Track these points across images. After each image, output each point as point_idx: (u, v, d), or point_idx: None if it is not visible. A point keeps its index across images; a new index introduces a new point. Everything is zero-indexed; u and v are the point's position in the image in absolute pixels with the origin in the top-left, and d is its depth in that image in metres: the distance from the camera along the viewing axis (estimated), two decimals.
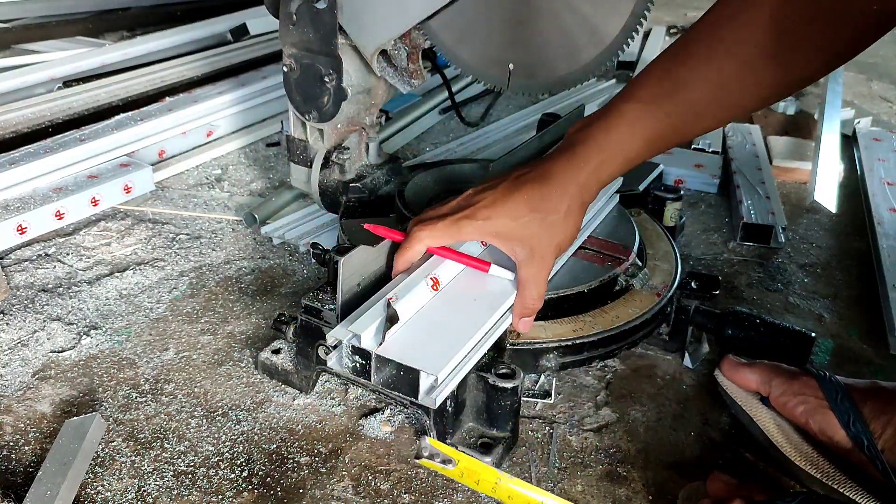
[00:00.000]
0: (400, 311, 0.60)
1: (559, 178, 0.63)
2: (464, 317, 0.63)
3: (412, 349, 0.57)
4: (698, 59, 0.61)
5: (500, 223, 0.63)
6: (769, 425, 0.66)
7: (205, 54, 1.51)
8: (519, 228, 0.62)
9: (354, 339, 0.58)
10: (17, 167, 1.01)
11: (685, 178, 1.18)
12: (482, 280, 0.67)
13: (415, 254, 0.66)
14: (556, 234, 0.63)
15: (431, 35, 0.78)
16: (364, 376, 0.58)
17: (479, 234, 0.64)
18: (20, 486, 0.62)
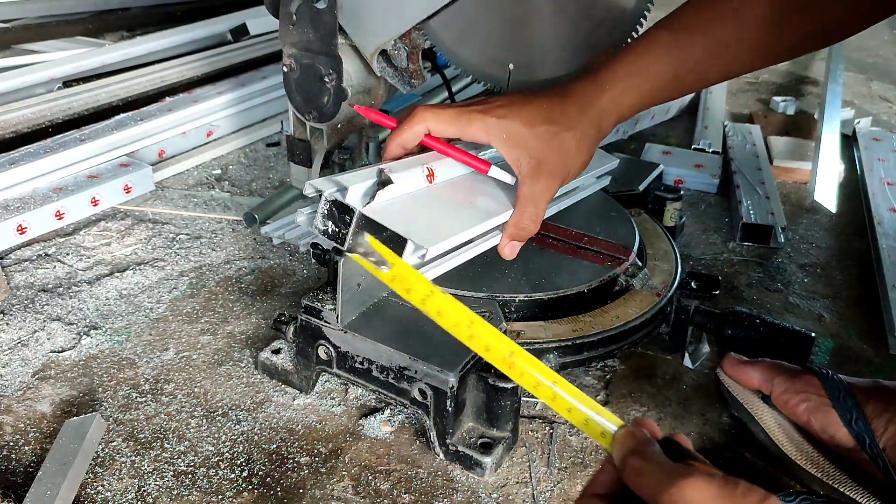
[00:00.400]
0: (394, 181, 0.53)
1: (580, 98, 0.60)
2: (458, 213, 0.57)
3: (403, 219, 0.50)
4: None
5: (512, 126, 0.58)
6: (770, 423, 0.65)
7: (205, 54, 1.51)
8: (531, 137, 0.57)
9: (339, 192, 0.51)
10: (17, 167, 1.01)
11: (685, 178, 1.18)
12: (479, 187, 0.62)
13: (413, 135, 0.59)
14: (567, 154, 0.59)
15: (431, 35, 0.78)
16: (337, 239, 0.51)
17: (487, 132, 0.58)
18: (20, 486, 0.62)
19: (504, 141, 0.58)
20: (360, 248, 0.50)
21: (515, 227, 0.60)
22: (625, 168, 0.98)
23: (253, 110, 1.32)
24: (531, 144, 0.58)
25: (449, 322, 0.43)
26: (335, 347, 0.69)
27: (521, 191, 0.60)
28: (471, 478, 0.64)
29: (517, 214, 0.60)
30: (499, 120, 0.58)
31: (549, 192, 0.60)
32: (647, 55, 0.61)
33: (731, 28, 0.60)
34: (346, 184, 0.51)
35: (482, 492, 0.63)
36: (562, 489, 0.64)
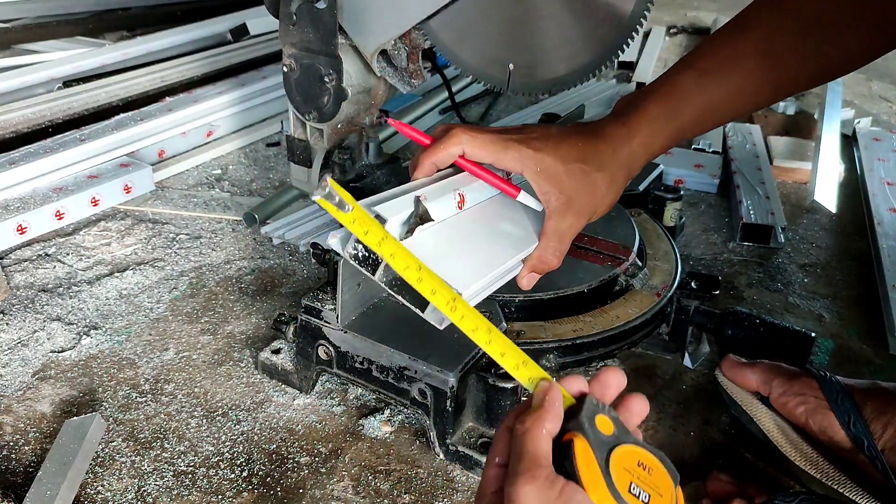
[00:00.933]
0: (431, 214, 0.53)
1: (612, 140, 0.61)
2: (488, 248, 0.58)
3: (436, 256, 0.51)
4: (758, 29, 0.61)
5: (547, 160, 0.58)
6: (769, 425, 0.66)
7: (205, 54, 1.51)
8: (564, 174, 0.58)
9: (378, 220, 0.50)
10: (17, 167, 1.01)
11: (685, 177, 1.18)
12: (506, 213, 0.62)
13: (448, 156, 0.59)
14: (597, 194, 0.60)
15: (431, 35, 0.78)
16: (366, 267, 0.51)
17: (522, 163, 0.59)
18: (20, 486, 0.62)
19: (538, 174, 0.59)
20: (391, 279, 0.51)
21: (538, 261, 0.61)
22: None
23: (253, 110, 1.32)
24: (564, 181, 0.58)
25: (399, 265, 0.48)
26: (335, 347, 0.69)
27: (547, 225, 0.60)
28: (471, 478, 0.64)
29: (541, 248, 0.60)
30: (535, 153, 0.58)
31: (574, 229, 0.60)
32: (673, 98, 0.62)
33: (753, 66, 0.61)
34: (385, 214, 0.51)
35: None
36: None
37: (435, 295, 0.47)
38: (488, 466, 0.45)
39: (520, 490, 0.40)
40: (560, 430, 0.43)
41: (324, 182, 0.48)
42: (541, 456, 0.42)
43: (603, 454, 0.42)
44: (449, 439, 0.65)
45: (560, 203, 0.59)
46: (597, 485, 0.41)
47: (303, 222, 1.02)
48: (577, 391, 0.46)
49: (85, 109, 1.23)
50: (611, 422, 0.44)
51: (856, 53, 0.62)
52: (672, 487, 0.43)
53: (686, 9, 2.21)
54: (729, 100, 0.62)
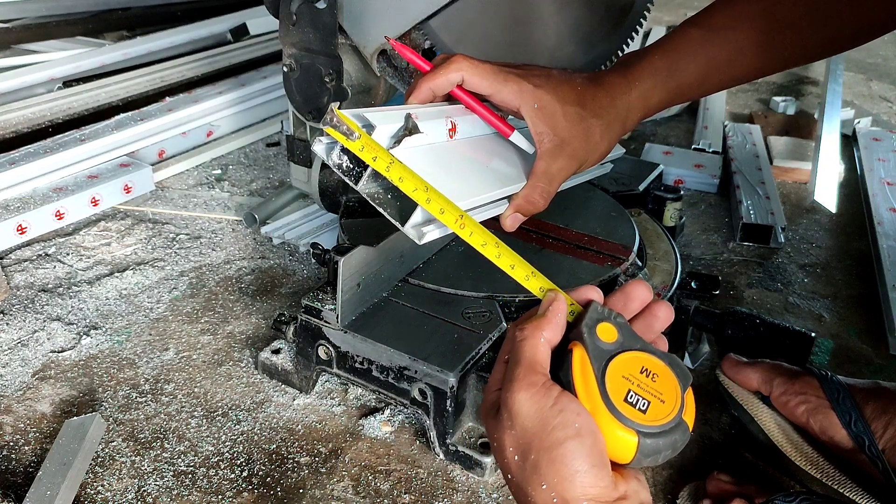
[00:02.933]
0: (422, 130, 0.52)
1: (611, 88, 0.60)
2: (474, 175, 0.57)
3: (422, 171, 0.50)
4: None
5: (546, 98, 0.56)
6: (770, 424, 0.65)
7: (205, 54, 1.51)
8: (560, 115, 0.57)
9: (365, 129, 0.49)
10: (17, 167, 1.01)
11: (685, 178, 1.18)
12: (497, 150, 0.61)
13: (447, 82, 0.57)
14: (591, 140, 0.58)
15: (431, 35, 0.78)
16: (351, 177, 0.50)
17: (520, 97, 0.57)
18: (20, 486, 0.62)
19: (534, 111, 0.57)
20: (374, 190, 0.50)
21: (524, 200, 0.58)
22: (625, 168, 0.98)
23: (253, 110, 1.32)
24: (559, 122, 0.57)
25: (408, 187, 0.48)
26: (335, 347, 0.69)
27: (537, 165, 0.58)
28: (471, 478, 0.64)
29: (529, 188, 0.58)
30: (535, 88, 0.57)
31: (565, 172, 0.58)
32: (676, 52, 0.61)
33: (762, 26, 0.60)
34: (374, 122, 0.49)
35: (482, 492, 0.63)
36: None
37: (443, 214, 0.48)
38: (498, 363, 0.47)
39: (515, 396, 0.42)
40: (564, 339, 0.45)
41: (331, 111, 0.48)
42: (537, 363, 0.43)
43: (601, 363, 0.43)
44: (449, 439, 0.65)
45: (553, 144, 0.57)
46: (590, 394, 0.42)
47: (303, 222, 1.02)
48: (585, 299, 0.46)
49: (85, 109, 1.23)
50: (615, 329, 0.44)
51: (868, 25, 0.61)
52: (678, 392, 0.43)
53: (686, 9, 2.21)
54: (732, 60, 0.61)
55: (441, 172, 0.53)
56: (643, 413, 0.42)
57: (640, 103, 0.61)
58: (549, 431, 0.41)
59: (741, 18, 0.61)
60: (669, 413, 0.42)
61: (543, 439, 0.41)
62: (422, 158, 0.53)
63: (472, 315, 0.69)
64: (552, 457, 0.40)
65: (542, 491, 0.41)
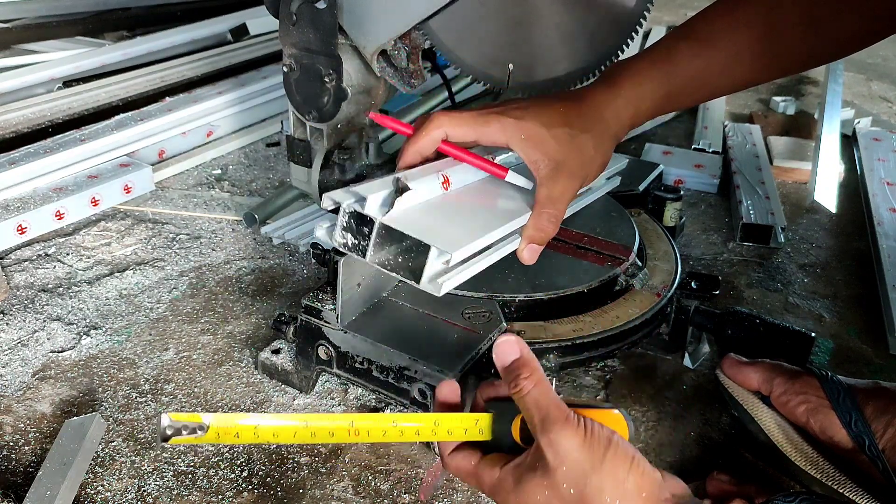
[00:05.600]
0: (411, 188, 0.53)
1: (596, 101, 0.60)
2: (477, 218, 0.56)
3: (423, 227, 0.50)
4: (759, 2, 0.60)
5: (530, 127, 0.57)
6: (770, 424, 0.65)
7: (205, 54, 1.51)
8: (549, 138, 0.57)
9: (357, 203, 0.50)
10: (17, 167, 1.01)
11: (685, 178, 1.18)
12: (496, 191, 0.61)
13: (431, 141, 0.58)
14: (585, 156, 0.58)
15: (431, 35, 0.78)
16: (358, 251, 0.50)
17: (504, 133, 0.57)
18: (20, 486, 0.62)
19: (522, 142, 0.57)
20: (383, 258, 0.50)
21: (534, 230, 0.58)
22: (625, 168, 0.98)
23: (253, 110, 1.32)
24: (550, 145, 0.57)
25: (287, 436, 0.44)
26: (335, 347, 0.69)
27: (539, 192, 0.58)
28: None
29: (535, 217, 0.58)
30: (517, 121, 0.57)
31: (568, 193, 0.59)
32: (664, 63, 0.61)
33: (759, 33, 0.60)
34: (364, 193, 0.50)
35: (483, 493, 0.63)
36: None
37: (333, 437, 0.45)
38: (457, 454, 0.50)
39: (559, 439, 0.45)
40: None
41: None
42: (555, 402, 0.46)
43: None
44: None
45: (549, 168, 0.57)
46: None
47: (303, 222, 1.02)
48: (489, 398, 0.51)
49: (85, 109, 1.23)
50: None
51: (857, 35, 0.61)
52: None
53: (686, 9, 2.21)
54: (723, 70, 0.61)
55: (441, 223, 0.54)
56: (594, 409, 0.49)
57: (628, 111, 0.60)
58: (593, 453, 0.45)
59: (731, 29, 0.61)
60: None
61: (594, 462, 0.44)
62: (418, 216, 0.53)
63: (472, 315, 0.69)
64: (603, 473, 0.44)
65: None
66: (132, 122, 1.16)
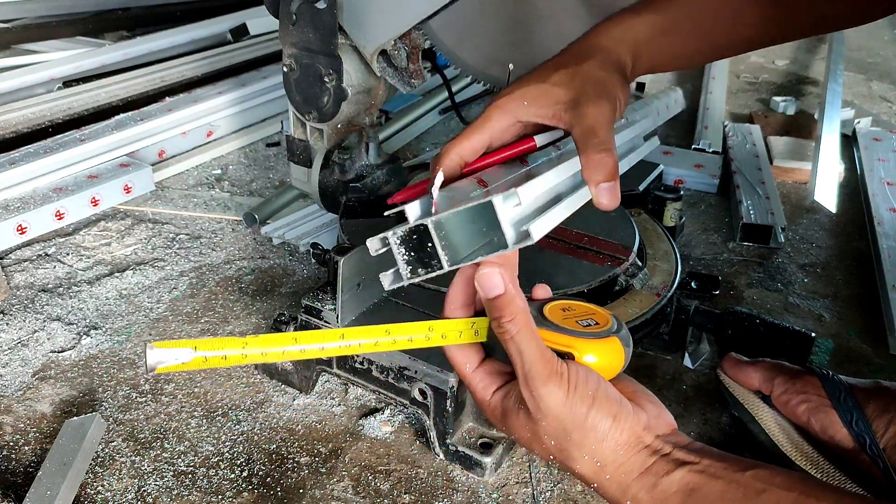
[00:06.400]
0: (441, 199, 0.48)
1: (588, 37, 0.56)
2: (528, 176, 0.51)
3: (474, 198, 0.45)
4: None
5: (528, 90, 0.53)
6: (770, 424, 0.65)
7: (205, 54, 1.51)
8: (551, 87, 0.53)
9: (400, 227, 0.45)
10: (17, 167, 1.01)
11: (685, 178, 1.18)
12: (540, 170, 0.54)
13: (449, 170, 0.52)
14: (599, 79, 0.53)
15: (431, 35, 0.78)
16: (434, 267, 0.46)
17: (507, 112, 0.53)
18: (20, 485, 0.62)
19: (527, 106, 0.53)
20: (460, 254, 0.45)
21: (591, 168, 0.51)
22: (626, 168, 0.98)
23: (253, 110, 1.32)
24: (556, 93, 0.53)
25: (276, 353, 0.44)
26: None
27: (574, 133, 0.52)
28: (471, 478, 0.64)
29: (584, 156, 0.51)
30: (512, 94, 0.54)
31: (602, 117, 0.52)
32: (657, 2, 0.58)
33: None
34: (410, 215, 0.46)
35: (482, 492, 0.63)
36: (562, 489, 0.64)
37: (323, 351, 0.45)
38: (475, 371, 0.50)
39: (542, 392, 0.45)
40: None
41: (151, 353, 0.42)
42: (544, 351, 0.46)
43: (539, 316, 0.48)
44: (449, 439, 0.65)
45: (569, 109, 0.52)
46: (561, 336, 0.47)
47: (303, 222, 1.02)
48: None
49: (85, 109, 1.23)
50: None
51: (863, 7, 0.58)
52: (594, 307, 0.50)
53: None
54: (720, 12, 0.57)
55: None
56: (597, 325, 0.49)
57: (626, 39, 0.56)
58: (575, 412, 0.45)
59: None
60: (608, 318, 0.50)
61: (576, 420, 0.45)
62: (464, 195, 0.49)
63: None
64: (585, 430, 0.46)
65: (584, 462, 0.46)
66: (132, 122, 1.16)
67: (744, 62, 1.82)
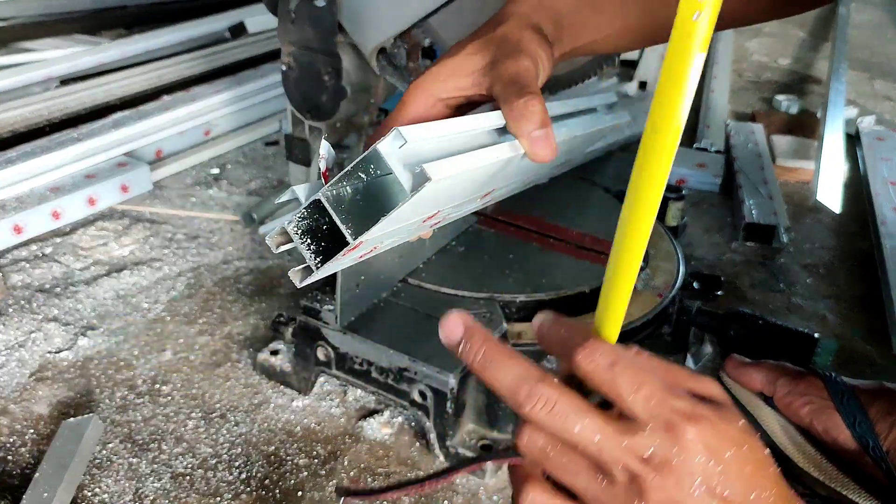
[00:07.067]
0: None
1: (506, 7, 0.52)
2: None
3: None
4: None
5: (443, 63, 0.49)
6: (773, 426, 0.65)
7: (203, 52, 1.50)
8: (464, 57, 0.48)
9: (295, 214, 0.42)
10: (13, 166, 1.00)
11: (687, 177, 1.17)
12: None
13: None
14: (517, 40, 0.48)
15: (431, 33, 0.77)
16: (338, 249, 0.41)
17: (423, 89, 0.48)
18: (17, 488, 0.61)
19: (444, 81, 0.48)
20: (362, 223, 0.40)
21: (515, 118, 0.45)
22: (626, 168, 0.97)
23: (251, 109, 1.31)
24: (472, 61, 0.48)
25: None
26: (334, 348, 0.68)
27: (495, 91, 0.47)
28: (471, 480, 0.64)
29: (507, 105, 0.45)
30: (427, 73, 0.49)
31: (523, 69, 0.47)
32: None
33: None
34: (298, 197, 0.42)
35: (483, 494, 0.63)
36: None
37: None
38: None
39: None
40: None
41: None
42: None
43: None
44: (449, 441, 0.64)
45: (486, 71, 0.48)
46: None
47: None
48: None
49: (82, 108, 1.22)
50: None
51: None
52: None
53: None
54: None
55: None
56: None
57: (545, 3, 0.51)
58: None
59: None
60: None
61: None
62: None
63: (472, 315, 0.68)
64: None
65: None
66: (130, 120, 1.15)
67: (746, 60, 1.82)
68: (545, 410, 0.33)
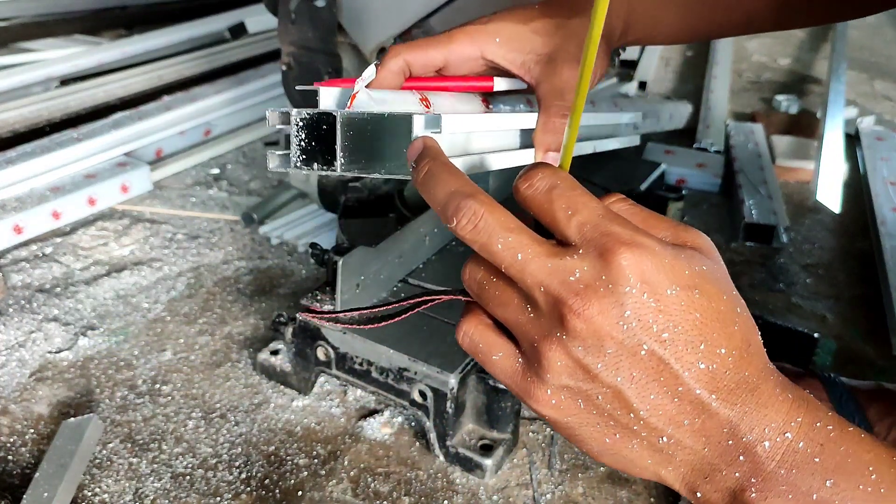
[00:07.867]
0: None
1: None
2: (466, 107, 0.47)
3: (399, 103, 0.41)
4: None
5: (505, 27, 0.47)
6: None
7: (203, 52, 1.50)
8: (530, 34, 0.47)
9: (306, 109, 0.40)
10: (13, 166, 1.00)
11: (687, 177, 1.17)
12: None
13: (390, 75, 0.46)
14: (582, 41, 0.47)
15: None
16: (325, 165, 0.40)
17: (474, 40, 0.47)
18: (17, 487, 0.61)
19: (498, 45, 0.47)
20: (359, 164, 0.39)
21: (546, 132, 0.46)
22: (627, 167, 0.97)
23: (251, 109, 1.32)
24: (534, 41, 0.47)
25: None
26: (334, 348, 0.68)
27: (540, 90, 0.47)
28: (471, 480, 0.64)
29: (543, 116, 0.46)
30: (485, 25, 0.47)
31: (571, 80, 0.47)
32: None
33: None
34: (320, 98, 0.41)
35: (483, 494, 0.63)
36: (563, 491, 0.63)
37: None
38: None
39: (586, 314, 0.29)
40: None
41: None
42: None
43: None
44: (449, 441, 0.64)
45: (542, 63, 0.47)
46: None
47: (301, 222, 1.01)
48: None
49: (82, 108, 1.22)
50: None
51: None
52: None
53: None
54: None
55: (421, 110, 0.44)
56: None
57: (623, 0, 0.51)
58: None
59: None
60: None
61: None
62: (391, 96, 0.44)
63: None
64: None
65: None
66: (130, 120, 1.15)
67: (746, 61, 1.82)
68: (470, 225, 0.31)
